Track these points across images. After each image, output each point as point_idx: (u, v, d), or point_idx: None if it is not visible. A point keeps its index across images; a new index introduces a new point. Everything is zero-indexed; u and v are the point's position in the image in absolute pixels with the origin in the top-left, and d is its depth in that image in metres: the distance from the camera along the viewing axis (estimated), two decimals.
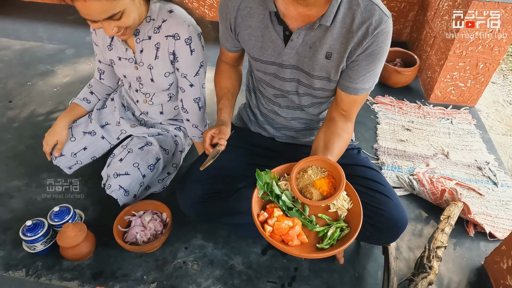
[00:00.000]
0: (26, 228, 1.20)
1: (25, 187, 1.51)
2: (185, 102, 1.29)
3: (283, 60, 1.02)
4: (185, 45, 1.15)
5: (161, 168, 1.38)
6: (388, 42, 0.93)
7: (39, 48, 2.54)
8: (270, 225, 0.87)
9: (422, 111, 1.99)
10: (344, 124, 1.06)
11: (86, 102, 1.42)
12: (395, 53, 2.21)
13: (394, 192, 1.11)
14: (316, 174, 0.92)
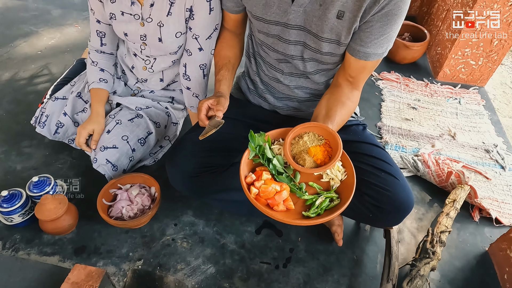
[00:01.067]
0: (1, 199, 1.11)
1: (3, 155, 1.41)
2: (189, 68, 1.16)
3: (288, 20, 0.91)
4: (205, 2, 1.01)
5: (153, 142, 1.29)
6: (406, 4, 0.82)
7: (22, 7, 2.36)
8: (257, 187, 0.83)
9: (429, 89, 1.89)
10: (349, 92, 0.98)
11: (104, 82, 1.25)
12: (404, 26, 2.08)
13: (401, 172, 1.03)
14: (312, 141, 0.87)
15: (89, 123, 1.20)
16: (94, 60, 1.25)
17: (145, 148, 1.26)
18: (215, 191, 1.10)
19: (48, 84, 1.73)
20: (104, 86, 1.25)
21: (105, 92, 1.26)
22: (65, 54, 1.96)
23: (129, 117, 1.24)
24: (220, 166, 1.08)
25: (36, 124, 1.31)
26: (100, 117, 1.21)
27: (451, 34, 1.85)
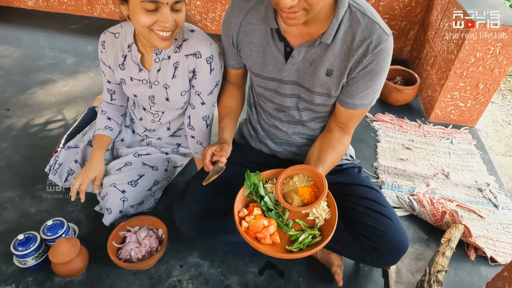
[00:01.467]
0: (17, 242, 1.17)
1: (18, 198, 1.48)
2: (193, 119, 1.26)
3: (283, 76, 1.02)
4: (205, 64, 1.13)
5: (147, 183, 1.35)
6: (388, 60, 0.93)
7: (39, 56, 2.54)
8: (247, 221, 0.92)
9: (422, 130, 1.99)
10: (340, 137, 1.07)
11: (109, 130, 1.36)
12: (396, 71, 2.22)
13: (395, 214, 1.09)
14: (301, 182, 0.96)
15: (90, 170, 1.27)
16: (104, 110, 1.38)
17: (138, 189, 1.32)
18: (219, 233, 1.16)
19: (62, 129, 1.85)
20: (109, 133, 1.35)
21: (108, 139, 1.36)
22: (78, 100, 2.09)
23: (118, 167, 1.33)
24: (225, 209, 1.15)
25: (50, 171, 1.40)
26: (100, 163, 1.30)
27: (440, 79, 1.98)
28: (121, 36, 1.18)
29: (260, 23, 0.99)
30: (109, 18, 3.14)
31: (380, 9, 2.52)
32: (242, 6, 1.00)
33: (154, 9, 0.95)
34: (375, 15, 0.91)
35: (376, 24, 0.89)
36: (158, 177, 1.39)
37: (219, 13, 2.88)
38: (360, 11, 0.90)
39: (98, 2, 3.08)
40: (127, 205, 1.27)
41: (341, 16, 0.89)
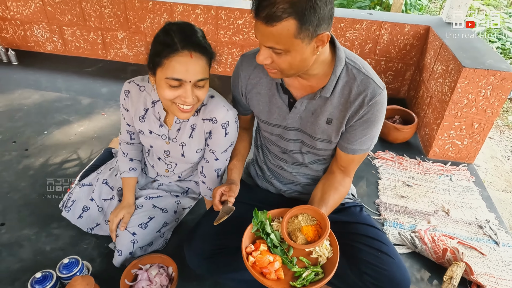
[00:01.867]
0: (35, 280, 1.22)
1: (35, 236, 1.54)
2: (206, 170, 1.32)
3: (287, 123, 1.13)
4: (221, 128, 1.19)
5: (157, 225, 1.41)
6: (383, 110, 1.04)
7: (57, 98, 2.69)
8: (254, 256, 0.97)
9: (422, 167, 2.06)
10: (342, 179, 1.15)
11: (133, 171, 1.44)
12: (394, 110, 2.33)
13: (397, 252, 1.14)
14: (305, 221, 1.02)
15: (121, 210, 1.37)
16: (125, 152, 1.44)
17: (148, 231, 1.38)
18: (228, 271, 1.21)
19: (77, 169, 1.94)
20: (134, 174, 1.45)
21: (135, 180, 1.46)
22: (93, 140, 2.21)
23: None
24: (233, 247, 1.20)
25: (63, 208, 1.48)
26: (131, 205, 1.41)
27: (436, 118, 2.08)
28: (146, 91, 1.24)
29: (266, 76, 1.11)
30: (122, 61, 3.34)
31: (377, 52, 2.68)
32: (250, 62, 1.13)
33: (178, 85, 1.02)
34: (369, 71, 1.02)
35: (370, 79, 1.00)
36: (168, 219, 1.46)
37: (225, 56, 3.06)
38: (355, 68, 1.01)
39: (112, 47, 3.30)
40: (136, 247, 1.34)
41: (338, 73, 1.01)
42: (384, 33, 2.60)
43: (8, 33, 3.46)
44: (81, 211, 1.45)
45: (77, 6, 3.13)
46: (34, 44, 3.47)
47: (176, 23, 1.05)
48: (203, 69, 1.03)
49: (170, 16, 2.96)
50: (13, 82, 2.91)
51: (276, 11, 0.82)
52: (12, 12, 3.31)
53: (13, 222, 1.61)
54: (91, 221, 1.48)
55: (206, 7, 2.85)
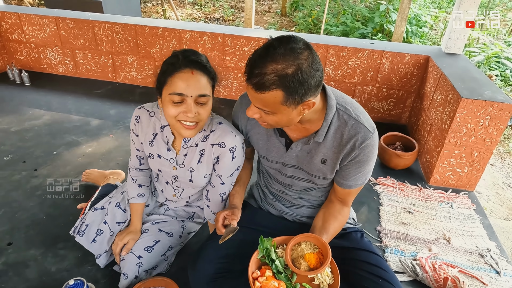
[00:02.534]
0: None
1: (41, 256, 1.57)
2: (210, 195, 1.36)
3: (285, 160, 1.21)
4: (228, 153, 1.24)
5: (161, 249, 1.44)
6: (374, 151, 1.10)
7: (66, 119, 2.77)
8: (260, 282, 1.03)
9: (423, 194, 2.08)
10: (340, 208, 1.22)
11: (142, 197, 1.48)
12: (395, 137, 2.38)
13: (397, 279, 1.16)
14: (308, 249, 1.07)
15: (126, 235, 1.41)
16: (134, 178, 1.47)
17: (153, 254, 1.40)
18: None
19: (84, 190, 1.99)
20: (142, 200, 1.48)
21: (143, 206, 1.50)
22: (100, 161, 2.26)
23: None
24: (237, 271, 1.23)
25: (75, 233, 1.49)
26: (138, 231, 1.45)
27: (436, 146, 2.12)
28: (156, 116, 1.30)
29: None
30: (130, 83, 3.45)
31: (379, 79, 2.76)
32: (248, 104, 1.18)
33: (180, 101, 1.09)
34: (359, 115, 1.08)
35: (361, 124, 1.07)
36: (173, 243, 1.49)
37: (231, 81, 3.16)
38: (346, 113, 1.08)
39: (122, 70, 3.41)
40: (142, 270, 1.36)
41: (329, 119, 1.08)
42: (385, 62, 2.69)
43: (23, 55, 3.60)
44: (95, 234, 1.46)
45: (90, 31, 3.27)
46: (46, 66, 3.60)
47: (183, 49, 1.14)
48: (204, 85, 1.10)
49: (179, 42, 3.08)
50: (25, 103, 3.01)
51: (265, 81, 0.89)
52: (28, 36, 3.46)
53: (20, 242, 1.64)
54: (101, 247, 1.47)
55: (213, 34, 2.97)
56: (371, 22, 6.01)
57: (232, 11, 8.09)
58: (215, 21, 7.55)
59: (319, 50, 2.78)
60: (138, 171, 1.47)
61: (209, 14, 7.93)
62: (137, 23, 3.15)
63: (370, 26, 5.97)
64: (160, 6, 7.96)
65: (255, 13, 7.80)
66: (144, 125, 1.32)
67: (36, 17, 3.33)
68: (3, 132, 2.55)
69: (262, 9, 8.54)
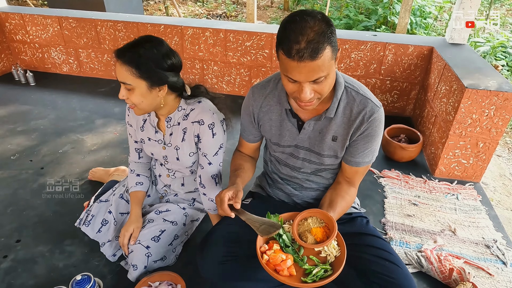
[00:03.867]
0: None
1: (49, 253, 1.60)
2: (203, 178, 1.42)
3: (298, 142, 1.23)
4: (208, 129, 1.33)
5: (168, 238, 1.46)
6: (381, 126, 1.15)
7: (71, 117, 2.80)
8: (268, 255, 1.05)
9: (428, 185, 2.07)
10: (348, 188, 1.25)
11: (140, 185, 1.54)
12: (399, 129, 2.36)
13: (402, 261, 1.17)
14: (314, 223, 1.10)
15: (130, 224, 1.44)
16: (132, 169, 1.57)
17: (161, 244, 1.43)
18: (240, 279, 1.22)
19: (90, 187, 2.01)
20: (141, 188, 1.54)
21: (142, 193, 1.55)
22: (105, 159, 2.28)
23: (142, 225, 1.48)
24: (245, 256, 1.23)
25: (81, 224, 1.54)
26: (139, 218, 1.47)
27: (441, 137, 2.11)
28: None
29: (276, 104, 1.23)
30: None
31: (382, 72, 2.74)
32: (261, 93, 1.25)
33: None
34: (366, 92, 1.15)
35: (368, 99, 1.12)
36: (178, 232, 1.51)
37: (233, 76, 3.15)
38: (354, 90, 1.14)
39: None
40: (151, 260, 1.38)
41: (339, 96, 1.13)
42: (388, 54, 2.67)
43: (27, 56, 3.63)
44: (100, 225, 1.52)
45: (92, 30, 3.28)
46: (51, 66, 3.63)
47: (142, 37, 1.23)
48: (124, 74, 1.17)
49: (181, 39, 3.08)
50: (31, 102, 3.04)
51: (318, 43, 0.91)
52: (32, 36, 3.48)
53: (28, 239, 1.67)
54: (106, 236, 1.53)
55: (215, 30, 2.97)
56: (375, 14, 5.95)
57: (235, 6, 8.06)
58: (217, 17, 7.53)
59: (340, 48, 2.75)
60: (137, 163, 1.57)
61: (211, 11, 7.91)
62: (139, 21, 3.15)
63: (373, 19, 5.90)
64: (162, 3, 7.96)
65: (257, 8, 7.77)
66: (134, 113, 1.43)
67: (39, 17, 3.35)
68: (9, 131, 2.58)
69: (265, 4, 8.49)
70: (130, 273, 1.36)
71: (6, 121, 2.73)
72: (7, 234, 1.69)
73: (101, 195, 1.65)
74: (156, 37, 1.24)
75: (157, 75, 1.21)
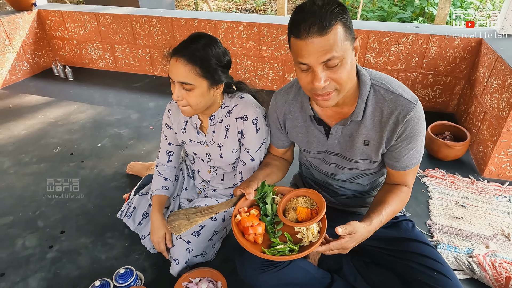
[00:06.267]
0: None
1: (91, 245, 1.63)
2: (245, 175, 1.39)
3: (328, 148, 1.16)
4: (252, 125, 1.29)
5: (208, 234, 1.44)
6: (421, 123, 1.02)
7: (109, 112, 2.86)
8: (241, 215, 1.05)
9: (476, 186, 1.95)
10: (400, 187, 1.14)
11: (165, 190, 1.51)
12: (444, 126, 2.24)
13: (453, 272, 1.08)
14: (304, 203, 1.06)
15: (158, 231, 1.42)
16: (160, 172, 1.54)
17: (201, 239, 1.42)
18: (278, 284, 1.20)
19: (128, 180, 2.04)
20: (166, 192, 1.51)
21: (166, 198, 1.52)
22: (142, 153, 2.31)
23: None
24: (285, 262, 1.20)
25: (123, 216, 1.56)
26: (164, 222, 1.44)
27: (491, 135, 1.97)
28: None
29: (300, 110, 1.16)
30: (167, 76, 3.49)
31: (424, 65, 2.60)
32: (284, 99, 1.19)
33: (173, 84, 1.18)
34: (397, 89, 1.02)
35: (400, 97, 1.00)
36: (217, 227, 1.49)
37: (266, 71, 3.11)
38: (383, 88, 1.02)
39: (159, 63, 3.46)
40: (192, 255, 1.37)
41: (365, 96, 1.02)
42: (431, 46, 2.53)
43: (66, 52, 3.75)
44: (141, 217, 1.55)
45: (128, 26, 3.33)
46: (88, 61, 3.73)
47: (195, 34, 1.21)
48: (185, 73, 1.13)
49: (214, 33, 3.06)
50: (70, 97, 3.14)
51: (327, 17, 0.85)
52: (70, 33, 3.59)
53: (72, 230, 1.71)
54: (147, 229, 1.55)
55: (249, 24, 2.93)
56: (411, 6, 5.69)
57: (264, 1, 7.98)
58: (246, 11, 7.49)
59: (359, 36, 2.65)
60: (165, 166, 1.55)
61: (240, 5, 7.87)
62: (173, 16, 3.17)
63: (409, 10, 5.66)
64: None
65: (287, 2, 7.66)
66: (175, 115, 1.44)
67: (78, 14, 3.44)
68: (51, 125, 2.67)
69: None
70: (172, 267, 1.36)
71: (48, 115, 2.83)
72: (52, 225, 1.75)
73: (141, 188, 1.66)
74: (209, 34, 1.21)
75: (217, 73, 1.19)
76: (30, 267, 1.52)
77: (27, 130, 2.61)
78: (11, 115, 2.82)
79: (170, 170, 1.55)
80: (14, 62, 3.40)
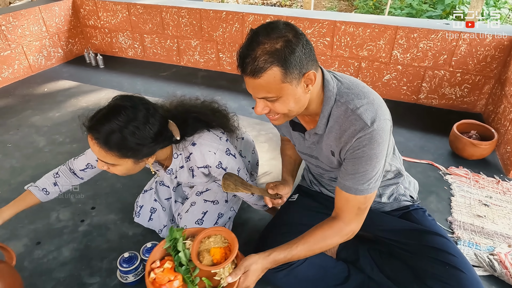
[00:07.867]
0: (123, 259, 1.37)
1: (119, 221, 1.72)
2: None
3: (307, 151, 1.21)
4: (217, 169, 1.25)
5: (212, 218, 1.44)
6: (373, 147, 0.96)
7: None
8: (155, 273, 1.01)
9: (502, 186, 1.92)
10: (332, 220, 1.08)
11: (44, 193, 1.29)
12: (470, 125, 2.20)
13: (469, 264, 1.08)
14: (216, 243, 1.05)
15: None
16: (58, 173, 1.33)
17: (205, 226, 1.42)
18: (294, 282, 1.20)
19: None
20: (40, 195, 1.28)
21: (35, 201, 1.28)
22: None
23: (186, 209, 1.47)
24: None
25: (134, 217, 1.61)
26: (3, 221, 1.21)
27: None
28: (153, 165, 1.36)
29: None
30: (193, 67, 3.57)
31: (453, 63, 2.56)
32: None
33: None
34: (359, 107, 0.97)
35: (357, 116, 0.96)
36: (221, 210, 1.48)
37: None
38: (345, 105, 0.99)
39: (186, 54, 3.54)
40: None
41: (326, 112, 1.02)
42: (462, 44, 2.48)
43: (97, 40, 3.89)
44: (150, 213, 1.56)
45: (158, 16, 3.42)
46: (117, 50, 3.86)
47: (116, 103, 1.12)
48: (104, 156, 1.06)
49: (242, 26, 3.11)
50: (100, 83, 3.26)
51: (259, 63, 0.85)
52: (102, 22, 3.72)
53: (102, 206, 1.81)
54: (160, 222, 1.57)
55: (276, 17, 2.95)
56: (441, 4, 5.55)
57: None
58: (272, 6, 7.50)
59: (386, 32, 2.64)
60: (70, 172, 1.35)
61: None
62: (202, 7, 3.23)
63: (439, 8, 5.52)
64: None
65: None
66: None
67: (110, 3, 3.56)
68: (83, 109, 2.79)
69: None
70: None
71: (80, 99, 2.96)
72: (84, 201, 1.85)
73: None
74: (133, 99, 1.10)
75: (142, 151, 1.07)
76: (64, 238, 1.62)
77: (61, 113, 2.74)
78: (46, 98, 2.97)
79: (70, 178, 1.35)
80: (50, 48, 3.56)
